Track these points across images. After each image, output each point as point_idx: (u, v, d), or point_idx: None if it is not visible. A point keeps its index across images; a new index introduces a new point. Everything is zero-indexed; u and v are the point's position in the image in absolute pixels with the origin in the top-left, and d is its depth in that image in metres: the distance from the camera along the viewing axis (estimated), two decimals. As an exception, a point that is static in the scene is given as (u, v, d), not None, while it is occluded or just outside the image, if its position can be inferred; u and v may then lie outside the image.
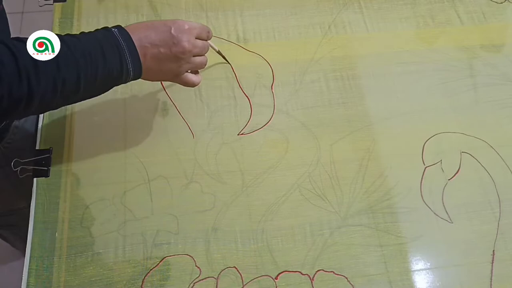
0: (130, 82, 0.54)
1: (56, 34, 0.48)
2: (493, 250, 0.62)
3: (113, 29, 0.52)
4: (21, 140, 0.69)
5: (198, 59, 0.58)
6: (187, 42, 0.54)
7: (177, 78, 0.58)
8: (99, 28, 0.53)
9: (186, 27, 0.55)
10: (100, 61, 0.49)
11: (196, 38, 0.56)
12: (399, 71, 0.75)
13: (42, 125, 0.66)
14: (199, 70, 0.62)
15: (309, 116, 0.70)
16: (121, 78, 0.52)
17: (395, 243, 0.61)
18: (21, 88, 0.44)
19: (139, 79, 0.56)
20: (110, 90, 0.54)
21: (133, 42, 0.52)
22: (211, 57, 0.73)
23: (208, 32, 0.59)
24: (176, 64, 0.55)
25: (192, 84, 0.60)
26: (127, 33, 0.52)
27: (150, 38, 0.53)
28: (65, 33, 0.51)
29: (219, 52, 0.69)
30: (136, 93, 0.69)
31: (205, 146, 0.66)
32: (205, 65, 0.60)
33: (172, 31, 0.53)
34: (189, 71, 0.59)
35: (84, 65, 0.48)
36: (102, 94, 0.54)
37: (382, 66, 0.75)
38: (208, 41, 0.60)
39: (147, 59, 0.53)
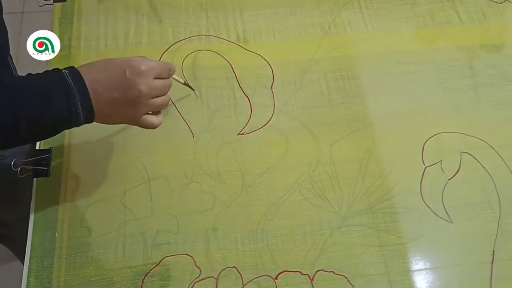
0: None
1: (8, 76, 0.46)
2: (493, 250, 0.62)
3: (64, 71, 0.48)
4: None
5: (158, 100, 0.54)
6: (144, 85, 0.50)
7: (134, 122, 0.54)
8: (49, 70, 0.50)
9: (142, 68, 0.51)
10: (44, 105, 0.46)
11: (155, 78, 0.52)
12: (399, 71, 0.75)
13: (42, 125, 0.66)
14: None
15: (309, 116, 0.70)
16: (70, 122, 0.48)
17: (395, 243, 0.61)
18: None
19: None
20: None
21: (85, 85, 0.48)
22: (211, 57, 0.74)
23: (170, 69, 0.55)
24: (133, 109, 0.51)
25: (151, 127, 0.55)
26: (79, 75, 0.48)
27: (103, 82, 0.49)
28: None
29: (185, 84, 0.67)
30: (136, 93, 0.69)
31: (205, 146, 0.66)
32: (167, 104, 0.56)
33: (127, 74, 0.50)
34: (150, 112, 0.55)
35: (24, 108, 0.45)
36: None
37: (382, 66, 0.75)
38: (173, 75, 0.57)
39: (100, 104, 0.49)
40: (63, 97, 0.46)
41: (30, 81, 0.47)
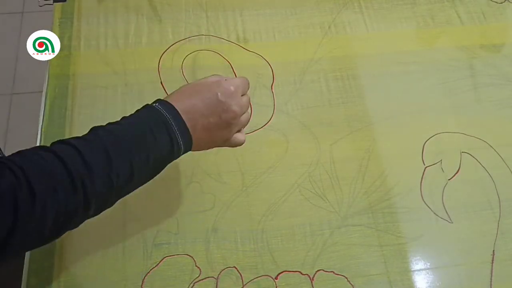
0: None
1: (101, 126, 0.45)
2: (493, 250, 0.62)
3: (155, 105, 0.47)
4: None
5: (244, 116, 0.53)
6: (237, 105, 0.50)
7: (226, 143, 0.53)
8: (139, 108, 0.49)
9: (232, 89, 0.50)
10: (150, 143, 0.45)
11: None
12: (399, 71, 0.75)
13: (42, 125, 0.66)
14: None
15: (309, 116, 0.70)
16: (172, 155, 0.48)
17: (395, 243, 0.61)
18: (77, 198, 0.40)
19: None
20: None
21: (180, 115, 0.47)
22: (211, 57, 0.74)
23: (248, 83, 0.54)
24: (227, 130, 0.51)
25: (239, 145, 0.55)
26: (172, 106, 0.47)
27: (197, 108, 0.48)
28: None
29: None
30: (136, 93, 0.69)
31: (205, 146, 0.66)
32: (249, 120, 0.55)
33: (220, 97, 0.49)
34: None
35: (135, 151, 0.44)
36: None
37: (382, 66, 0.75)
38: None
39: (197, 131, 0.48)
40: (163, 131, 0.46)
41: (129, 121, 0.47)
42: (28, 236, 0.38)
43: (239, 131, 0.54)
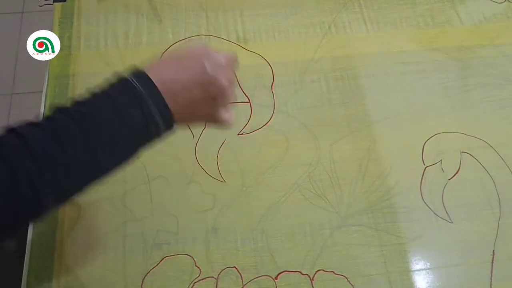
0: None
1: (60, 106, 0.40)
2: (493, 250, 0.62)
3: (129, 78, 0.42)
4: None
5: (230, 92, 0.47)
6: (226, 80, 0.45)
7: (211, 120, 0.48)
8: (112, 80, 0.43)
9: (223, 61, 0.45)
10: (117, 124, 0.40)
11: None
12: (399, 71, 0.75)
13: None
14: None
15: (309, 116, 0.70)
16: (148, 136, 0.43)
17: (395, 243, 0.61)
18: (24, 198, 0.36)
19: None
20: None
21: (157, 89, 0.41)
22: (211, 57, 0.74)
23: (237, 60, 0.49)
24: (213, 106, 0.46)
25: (227, 124, 0.48)
26: (149, 78, 0.42)
27: (180, 79, 0.43)
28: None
29: None
30: (136, 93, 0.69)
31: (205, 146, 0.66)
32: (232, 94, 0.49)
33: (207, 69, 0.43)
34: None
35: (96, 135, 0.39)
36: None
37: (382, 66, 0.75)
38: None
39: (178, 106, 0.43)
40: (136, 106, 0.40)
41: (93, 100, 0.41)
42: None
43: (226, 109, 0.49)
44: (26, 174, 0.36)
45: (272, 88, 0.72)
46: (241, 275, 0.58)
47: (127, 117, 0.40)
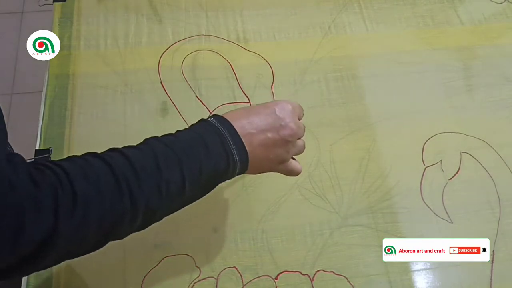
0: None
1: (154, 137, 0.44)
2: (493, 250, 0.62)
3: (210, 119, 0.47)
4: None
5: (300, 142, 0.51)
6: (294, 123, 0.49)
7: (282, 165, 0.51)
8: (194, 123, 0.47)
9: (290, 107, 0.49)
10: (202, 154, 0.43)
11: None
12: (399, 71, 0.75)
13: (42, 125, 0.66)
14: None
15: (309, 116, 0.69)
16: (227, 170, 0.45)
17: (395, 243, 0.61)
18: (123, 202, 0.38)
19: None
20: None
21: (235, 129, 0.46)
22: (211, 57, 0.74)
23: (303, 111, 0.53)
24: (284, 149, 0.49)
25: (297, 173, 0.52)
26: (226, 120, 0.46)
27: (255, 124, 0.47)
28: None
29: None
30: (136, 93, 0.69)
31: (205, 146, 0.66)
32: (304, 149, 0.52)
33: (277, 113, 0.48)
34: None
35: (186, 161, 0.42)
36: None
37: (382, 66, 0.75)
38: None
39: (254, 147, 0.46)
40: (218, 142, 0.44)
41: (182, 133, 0.45)
42: (71, 239, 0.37)
43: (294, 158, 0.52)
44: (127, 184, 0.39)
45: (272, 88, 0.72)
46: (241, 275, 0.58)
47: (211, 149, 0.44)
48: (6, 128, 0.37)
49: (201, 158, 0.43)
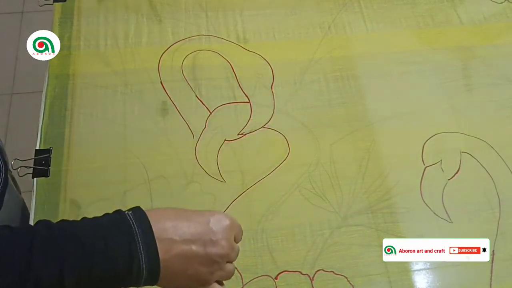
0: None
1: (46, 221, 0.38)
2: (493, 250, 0.62)
3: (127, 212, 0.40)
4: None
5: (230, 266, 0.44)
6: (227, 242, 0.42)
7: (203, 285, 0.43)
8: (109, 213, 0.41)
9: (228, 223, 0.43)
10: (98, 251, 0.36)
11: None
12: (399, 71, 0.75)
13: (42, 125, 0.66)
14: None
15: (309, 116, 0.70)
16: (128, 277, 0.38)
17: (395, 243, 0.61)
18: None
19: None
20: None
21: (152, 231, 0.39)
22: (211, 57, 0.74)
23: (242, 233, 0.47)
24: (208, 268, 0.41)
25: None
26: (146, 218, 0.39)
27: (180, 230, 0.40)
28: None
29: None
30: (136, 93, 0.69)
31: (205, 146, 0.66)
32: (232, 275, 0.45)
33: (211, 224, 0.42)
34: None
35: (71, 256, 0.35)
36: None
37: (382, 66, 0.75)
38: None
39: (170, 256, 0.39)
40: (124, 245, 0.37)
41: (83, 223, 0.39)
42: None
43: (220, 283, 0.44)
44: None
45: (272, 88, 0.72)
46: (241, 275, 0.58)
47: (110, 247, 0.37)
48: None
49: (94, 255, 0.36)
